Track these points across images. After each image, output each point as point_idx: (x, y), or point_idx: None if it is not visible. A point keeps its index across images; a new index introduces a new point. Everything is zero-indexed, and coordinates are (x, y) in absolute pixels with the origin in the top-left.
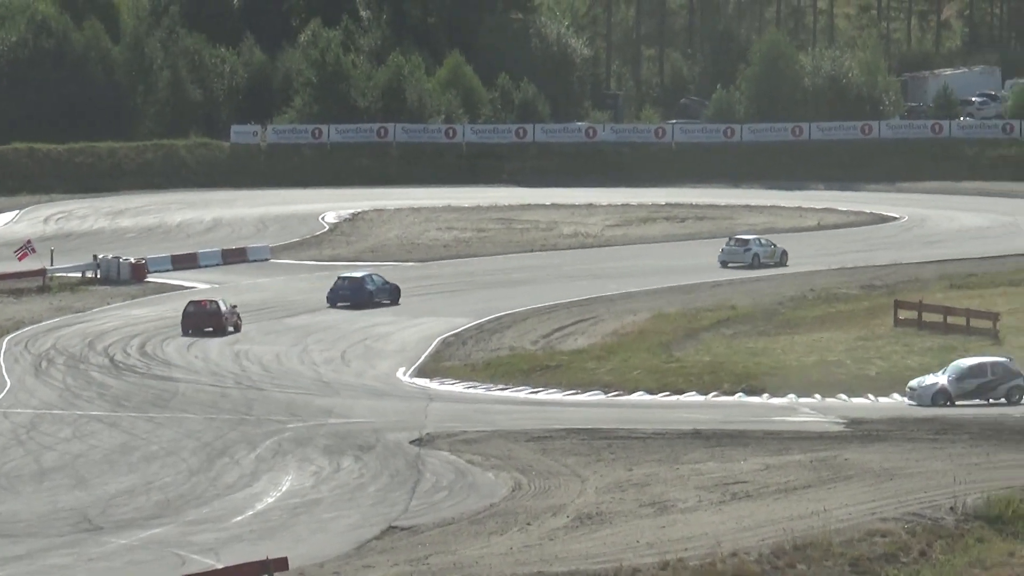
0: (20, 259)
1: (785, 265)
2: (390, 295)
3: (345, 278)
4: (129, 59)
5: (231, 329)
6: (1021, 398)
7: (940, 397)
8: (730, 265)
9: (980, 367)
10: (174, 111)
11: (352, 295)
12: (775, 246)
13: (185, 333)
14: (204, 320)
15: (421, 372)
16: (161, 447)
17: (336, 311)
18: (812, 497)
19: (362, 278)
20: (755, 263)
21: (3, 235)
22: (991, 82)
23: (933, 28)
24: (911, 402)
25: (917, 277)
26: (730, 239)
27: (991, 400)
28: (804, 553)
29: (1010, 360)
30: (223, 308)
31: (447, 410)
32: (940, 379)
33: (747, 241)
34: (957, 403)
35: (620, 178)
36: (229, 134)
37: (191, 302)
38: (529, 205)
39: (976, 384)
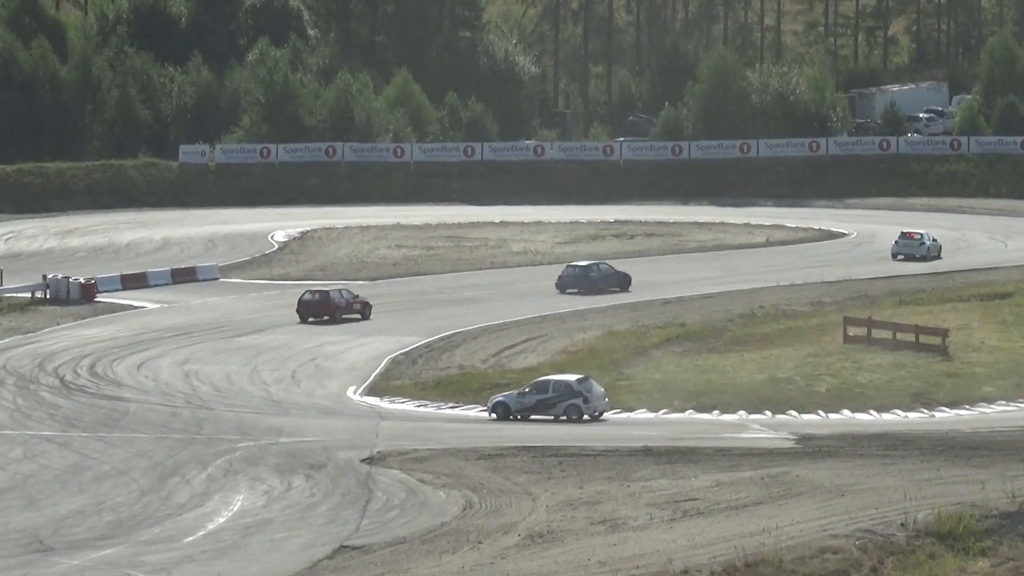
0: None
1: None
2: (618, 282)
3: (573, 266)
4: (77, 79)
5: (357, 316)
6: (581, 416)
7: (499, 408)
8: (899, 258)
9: (543, 384)
10: (122, 131)
11: (579, 282)
12: (935, 240)
13: (303, 320)
14: (317, 308)
15: (371, 391)
16: (112, 467)
17: (287, 329)
18: (763, 514)
19: (588, 266)
20: (928, 255)
21: None
22: (938, 98)
23: (880, 44)
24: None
25: (866, 293)
26: (901, 234)
27: (555, 416)
28: (755, 570)
29: (581, 380)
30: (337, 297)
31: (397, 428)
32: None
33: (921, 235)
34: (519, 416)
35: (569, 195)
36: (177, 154)
37: (307, 291)
38: (478, 223)
39: (536, 400)
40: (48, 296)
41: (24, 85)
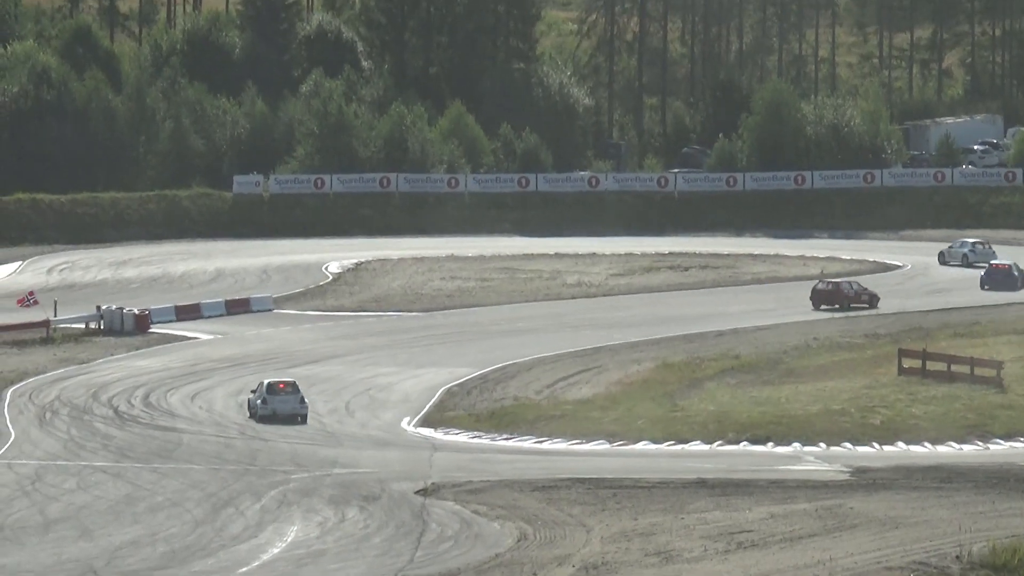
0: (19, 304)
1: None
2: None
3: (995, 265)
4: (131, 110)
5: (865, 305)
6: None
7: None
8: (986, 288)
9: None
10: (176, 161)
11: (1004, 282)
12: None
13: (816, 308)
14: (829, 297)
15: (425, 422)
16: (166, 498)
17: (341, 360)
18: (817, 546)
19: (1010, 265)
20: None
21: (6, 286)
22: (993, 130)
23: (935, 76)
24: None
25: (921, 326)
26: (990, 265)
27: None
28: None
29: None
30: (847, 288)
31: (452, 460)
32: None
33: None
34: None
35: (623, 227)
36: (232, 184)
37: (819, 281)
38: (532, 254)
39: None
40: (102, 327)
41: (78, 116)
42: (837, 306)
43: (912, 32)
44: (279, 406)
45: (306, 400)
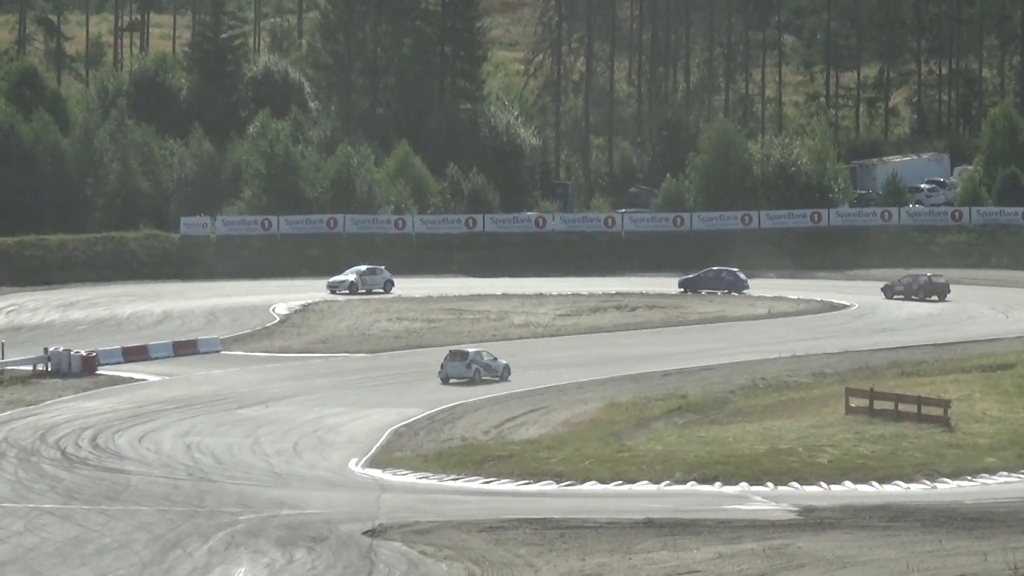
0: None
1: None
2: None
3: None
4: (78, 151)
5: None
6: None
7: None
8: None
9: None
10: (124, 203)
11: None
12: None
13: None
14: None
15: (373, 463)
16: (114, 539)
17: (289, 401)
18: None
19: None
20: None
21: None
22: (940, 169)
23: (881, 115)
24: None
25: (868, 364)
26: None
27: None
28: None
29: None
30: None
31: (399, 501)
32: None
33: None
34: None
35: (570, 267)
36: (179, 226)
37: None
38: (480, 295)
39: None
40: (50, 369)
41: (25, 157)
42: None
43: (859, 71)
44: (450, 370)
45: (475, 365)
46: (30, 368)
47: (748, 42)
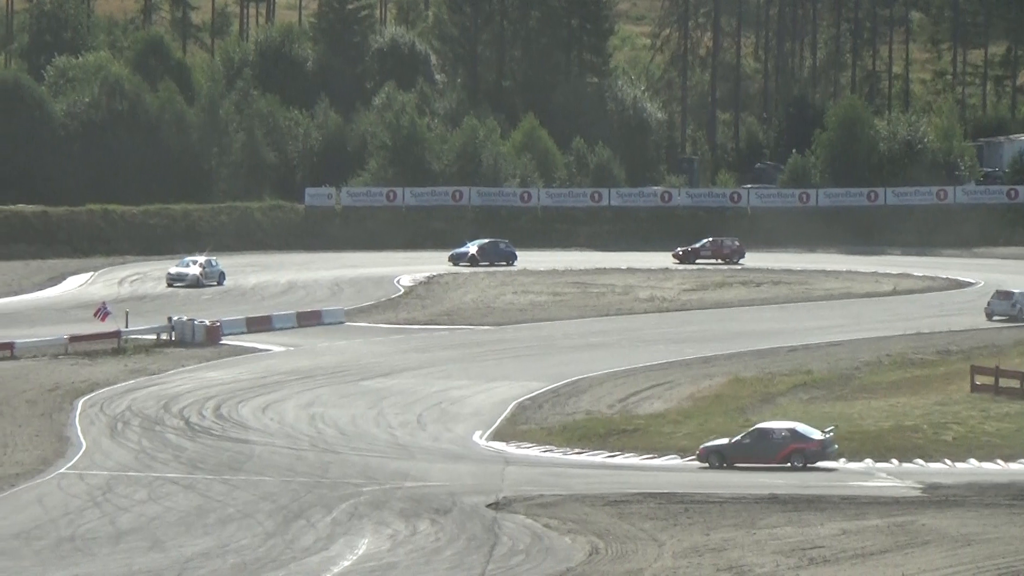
0: (102, 320)
1: None
2: None
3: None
4: (203, 122)
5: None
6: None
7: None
8: (995, 318)
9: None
10: (248, 173)
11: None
12: None
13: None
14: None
15: (497, 436)
16: (237, 510)
17: (413, 373)
18: (889, 562)
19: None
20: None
21: (78, 297)
22: None
23: (1008, 93)
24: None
25: (994, 343)
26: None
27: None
28: None
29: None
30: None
31: (523, 474)
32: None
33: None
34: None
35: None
36: (304, 196)
37: None
38: (605, 269)
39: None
40: (173, 338)
41: (150, 127)
42: None
43: (986, 49)
44: (995, 307)
45: (1019, 304)
46: (154, 337)
47: (875, 18)
